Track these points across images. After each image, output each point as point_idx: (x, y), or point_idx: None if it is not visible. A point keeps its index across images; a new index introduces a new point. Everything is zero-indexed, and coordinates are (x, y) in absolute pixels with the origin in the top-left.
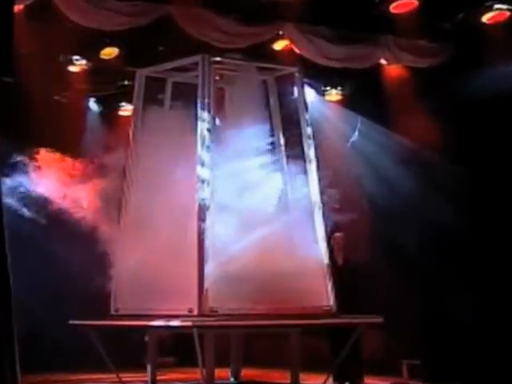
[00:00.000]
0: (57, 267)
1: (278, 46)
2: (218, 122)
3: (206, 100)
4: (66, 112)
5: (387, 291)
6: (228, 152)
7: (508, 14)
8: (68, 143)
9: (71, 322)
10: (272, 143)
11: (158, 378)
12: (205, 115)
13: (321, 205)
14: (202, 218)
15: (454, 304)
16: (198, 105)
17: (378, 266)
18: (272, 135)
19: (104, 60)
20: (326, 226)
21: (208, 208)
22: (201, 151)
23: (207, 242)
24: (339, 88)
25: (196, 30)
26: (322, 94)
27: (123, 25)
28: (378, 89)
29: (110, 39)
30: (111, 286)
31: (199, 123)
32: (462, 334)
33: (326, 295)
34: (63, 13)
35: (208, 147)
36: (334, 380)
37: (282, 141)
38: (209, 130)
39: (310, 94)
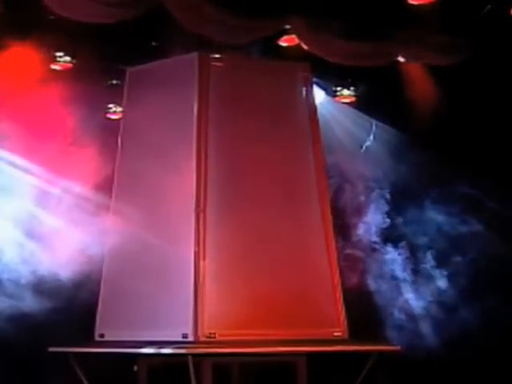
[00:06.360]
0: None
1: (284, 41)
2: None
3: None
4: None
5: (410, 319)
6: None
7: None
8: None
9: (50, 349)
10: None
11: None
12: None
13: (331, 217)
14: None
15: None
16: (195, 107)
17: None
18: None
19: (90, 57)
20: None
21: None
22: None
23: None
24: (352, 88)
25: (192, 23)
26: (332, 94)
27: (111, 17)
28: (395, 89)
29: (96, 33)
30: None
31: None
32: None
33: (337, 320)
34: (44, 3)
35: None
36: None
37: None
38: None
39: (320, 95)
